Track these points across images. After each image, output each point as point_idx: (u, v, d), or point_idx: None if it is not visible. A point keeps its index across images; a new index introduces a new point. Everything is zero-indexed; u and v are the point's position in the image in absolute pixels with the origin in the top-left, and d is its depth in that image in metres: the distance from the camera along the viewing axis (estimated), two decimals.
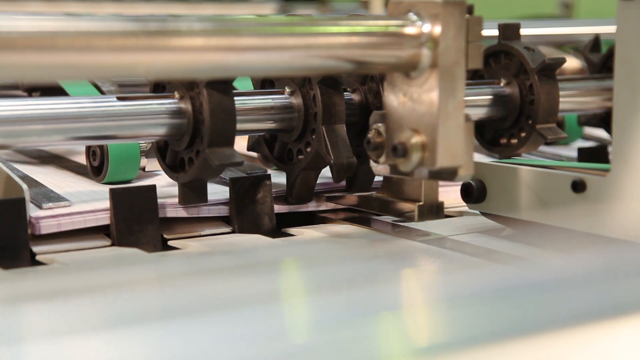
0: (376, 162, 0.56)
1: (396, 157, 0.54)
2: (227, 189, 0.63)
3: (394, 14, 0.55)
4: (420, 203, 0.61)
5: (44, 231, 0.56)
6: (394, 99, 0.55)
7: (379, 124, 0.55)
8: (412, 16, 0.54)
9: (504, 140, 0.74)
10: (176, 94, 0.59)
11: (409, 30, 0.54)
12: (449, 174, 0.53)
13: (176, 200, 0.61)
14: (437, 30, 0.53)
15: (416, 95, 0.54)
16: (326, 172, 0.64)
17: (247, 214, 0.62)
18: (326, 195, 0.65)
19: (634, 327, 0.41)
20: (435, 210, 0.62)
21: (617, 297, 0.45)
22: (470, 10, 0.57)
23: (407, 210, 0.62)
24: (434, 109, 0.53)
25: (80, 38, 0.47)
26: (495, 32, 0.73)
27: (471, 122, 0.54)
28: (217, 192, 0.64)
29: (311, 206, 0.65)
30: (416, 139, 0.53)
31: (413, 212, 0.61)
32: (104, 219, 0.58)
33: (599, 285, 0.47)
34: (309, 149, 0.63)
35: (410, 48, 0.54)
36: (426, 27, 0.53)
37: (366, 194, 0.65)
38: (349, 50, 0.54)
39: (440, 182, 0.72)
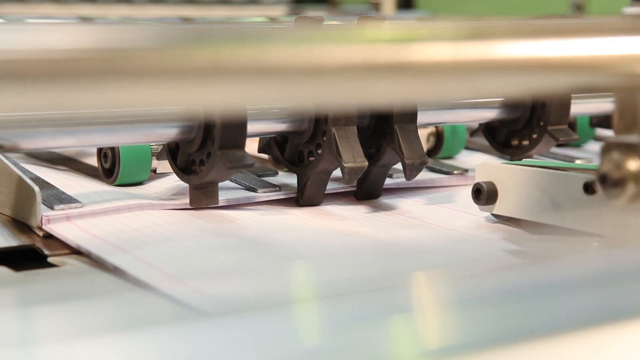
0: (615, 201, 0.46)
1: None
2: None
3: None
4: None
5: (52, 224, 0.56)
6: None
7: (617, 154, 0.45)
8: None
9: (515, 142, 0.74)
10: None
11: None
12: None
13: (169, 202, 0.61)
14: None
15: None
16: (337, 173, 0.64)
17: None
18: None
19: None
20: None
21: (629, 300, 0.45)
22: None
23: None
24: None
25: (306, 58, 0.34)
26: None
27: None
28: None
29: None
30: None
31: None
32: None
33: (610, 288, 0.47)
34: (320, 151, 0.63)
35: None
36: None
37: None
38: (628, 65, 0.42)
39: (449, 183, 0.72)
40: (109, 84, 0.32)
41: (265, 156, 0.69)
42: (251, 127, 0.60)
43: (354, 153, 0.62)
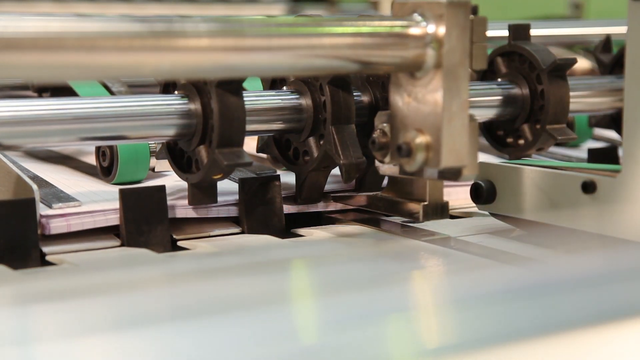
0: (382, 162, 0.56)
1: (401, 157, 0.54)
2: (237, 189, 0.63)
3: (398, 15, 0.55)
4: (425, 203, 0.61)
5: (53, 231, 0.56)
6: (398, 99, 0.56)
7: (384, 124, 0.56)
8: (417, 17, 0.54)
9: (514, 141, 0.74)
10: (186, 95, 0.59)
11: (414, 30, 0.54)
12: (454, 174, 0.54)
13: (185, 201, 0.61)
14: (442, 30, 0.53)
15: (421, 95, 0.54)
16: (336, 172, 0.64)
17: (256, 214, 0.62)
18: (333, 195, 0.65)
19: None
20: (440, 210, 0.62)
21: (627, 298, 0.45)
22: (474, 10, 0.57)
23: (413, 210, 0.62)
24: (438, 109, 0.53)
25: (87, 39, 0.47)
26: (505, 33, 0.73)
27: (475, 122, 0.54)
28: (227, 192, 0.64)
29: (320, 207, 0.65)
30: (420, 139, 0.54)
31: (418, 212, 0.61)
32: (114, 219, 0.58)
33: (608, 287, 0.47)
34: (318, 150, 0.63)
35: (414, 48, 0.54)
36: (431, 28, 0.54)
37: (372, 193, 0.65)
38: (354, 50, 0.54)
39: (450, 183, 0.72)
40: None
41: (264, 155, 0.69)
42: (249, 126, 0.60)
43: (352, 151, 0.62)
